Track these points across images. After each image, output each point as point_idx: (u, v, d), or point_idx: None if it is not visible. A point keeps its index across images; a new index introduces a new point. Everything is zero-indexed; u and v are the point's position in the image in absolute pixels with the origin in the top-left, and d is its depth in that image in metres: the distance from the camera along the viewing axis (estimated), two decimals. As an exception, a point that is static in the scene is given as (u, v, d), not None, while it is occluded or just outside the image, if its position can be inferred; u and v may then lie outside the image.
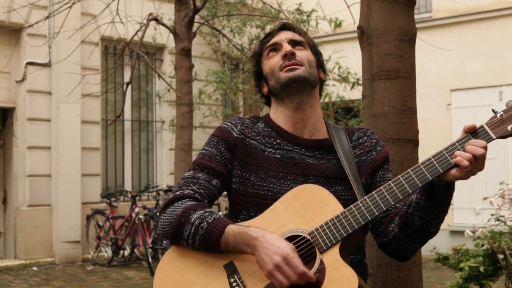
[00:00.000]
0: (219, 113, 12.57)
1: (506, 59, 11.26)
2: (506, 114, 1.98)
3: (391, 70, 2.79)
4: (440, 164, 1.98)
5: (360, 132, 2.34)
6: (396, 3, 2.81)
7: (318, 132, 2.29)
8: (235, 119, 2.33)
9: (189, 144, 7.09)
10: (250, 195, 2.20)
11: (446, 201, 2.08)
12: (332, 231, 2.01)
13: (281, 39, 2.30)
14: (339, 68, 11.85)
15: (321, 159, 2.24)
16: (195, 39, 8.35)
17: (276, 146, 2.24)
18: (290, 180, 2.19)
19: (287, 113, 2.27)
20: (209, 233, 2.04)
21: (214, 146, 2.25)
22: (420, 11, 12.60)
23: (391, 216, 2.22)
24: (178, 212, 2.11)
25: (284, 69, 2.23)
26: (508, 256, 5.08)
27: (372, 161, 2.28)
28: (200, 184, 2.19)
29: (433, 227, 2.13)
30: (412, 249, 2.20)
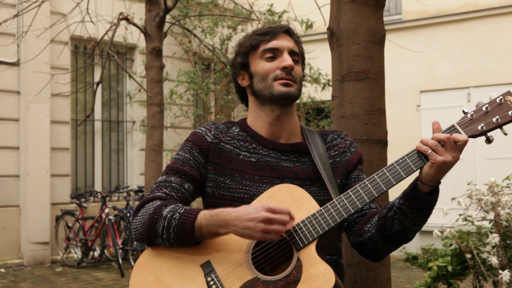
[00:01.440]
0: (190, 114, 12.53)
1: (474, 61, 11.42)
2: (476, 114, 2.02)
3: (360, 71, 2.81)
4: (413, 162, 2.02)
5: (334, 134, 2.38)
6: (365, 5, 2.83)
7: (294, 137, 2.32)
8: (209, 124, 2.35)
9: (160, 144, 7.04)
10: (226, 198, 2.22)
11: (429, 210, 2.10)
12: (309, 229, 2.03)
13: (283, 47, 2.27)
14: (310, 69, 11.90)
15: (296, 162, 2.27)
16: (166, 39, 8.31)
17: (251, 150, 2.26)
18: (266, 183, 2.22)
19: (264, 120, 2.29)
20: (182, 222, 2.05)
21: (187, 151, 2.27)
22: (390, 13, 12.71)
23: (367, 217, 2.24)
24: (149, 212, 2.12)
25: (280, 80, 2.22)
26: (476, 255, 5.15)
27: (346, 162, 2.31)
28: (172, 187, 2.21)
29: (411, 233, 2.16)
30: (386, 251, 2.23)
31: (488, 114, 2.00)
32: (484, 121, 2.00)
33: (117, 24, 7.11)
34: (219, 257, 2.07)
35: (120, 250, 9.76)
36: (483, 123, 2.00)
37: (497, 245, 4.75)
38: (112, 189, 11.47)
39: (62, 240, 10.86)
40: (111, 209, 10.51)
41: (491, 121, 1.99)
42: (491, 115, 2.00)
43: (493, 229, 5.00)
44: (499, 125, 2.00)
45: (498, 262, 4.67)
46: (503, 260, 4.75)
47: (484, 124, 2.00)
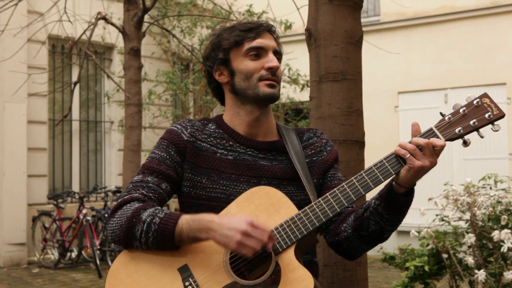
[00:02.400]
0: (169, 114, 12.49)
1: (451, 63, 11.52)
2: (453, 117, 2.02)
3: (338, 72, 2.82)
4: (391, 165, 2.02)
5: (310, 133, 2.36)
6: (343, 6, 2.84)
7: (270, 135, 2.30)
8: (185, 121, 2.30)
9: (138, 145, 7.02)
10: (202, 198, 2.18)
11: (404, 210, 2.11)
12: (287, 233, 2.02)
13: (268, 46, 2.24)
14: (289, 70, 11.92)
15: (274, 160, 2.24)
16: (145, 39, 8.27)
17: (228, 148, 2.23)
18: (243, 182, 2.19)
19: (242, 119, 2.26)
20: (162, 227, 2.01)
21: (163, 150, 2.22)
22: (368, 14, 12.78)
23: (343, 216, 2.24)
24: (127, 214, 2.08)
25: (265, 81, 2.20)
26: (452, 255, 5.19)
27: (323, 161, 2.30)
28: (149, 187, 2.16)
29: (387, 233, 2.17)
30: (361, 250, 2.24)
31: (465, 117, 2.01)
32: (462, 124, 2.01)
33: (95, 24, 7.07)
34: (197, 261, 2.04)
35: (98, 251, 9.70)
36: (461, 126, 2.01)
37: (473, 245, 4.80)
38: (90, 190, 11.39)
39: (39, 241, 10.76)
40: (88, 209, 10.44)
41: (469, 124, 2.00)
42: (468, 118, 2.01)
43: (469, 229, 5.04)
44: (476, 128, 2.01)
45: (474, 262, 4.71)
46: (479, 260, 4.80)
47: (462, 128, 2.01)
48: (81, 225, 10.11)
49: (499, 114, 2.02)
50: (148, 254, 2.08)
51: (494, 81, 11.13)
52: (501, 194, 5.04)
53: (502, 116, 2.02)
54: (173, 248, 2.05)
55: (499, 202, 5.05)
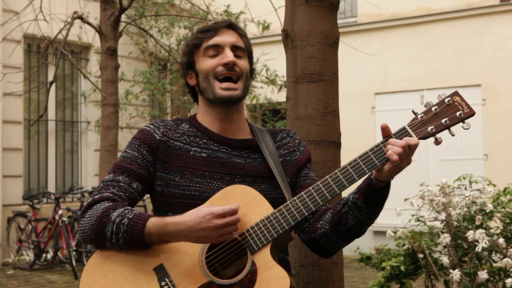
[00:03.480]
0: (146, 114, 12.45)
1: (427, 64, 11.62)
2: (426, 115, 2.05)
3: (314, 73, 2.83)
4: (366, 165, 2.04)
5: (283, 133, 2.38)
6: (319, 8, 2.85)
7: (243, 133, 2.31)
8: (157, 121, 2.30)
9: (115, 145, 6.98)
10: (176, 196, 2.18)
11: (382, 202, 2.14)
12: (263, 232, 2.03)
13: (225, 42, 2.25)
14: (267, 71, 11.94)
15: (247, 158, 2.25)
16: (122, 39, 8.23)
17: (202, 146, 2.24)
18: (217, 179, 2.19)
19: (214, 117, 2.28)
20: (131, 229, 2.01)
21: (135, 149, 2.22)
22: (346, 15, 12.85)
23: (318, 214, 2.25)
24: (97, 213, 2.07)
25: (221, 80, 2.21)
26: (428, 255, 5.23)
27: (296, 161, 2.32)
28: (120, 187, 2.16)
29: (364, 227, 2.19)
30: (338, 246, 2.25)
31: (437, 115, 2.05)
32: (434, 123, 2.04)
33: (71, 23, 7.01)
34: (173, 261, 2.03)
35: (74, 252, 9.62)
36: (433, 125, 2.04)
37: (448, 245, 4.84)
38: (66, 190, 11.30)
39: (13, 242, 10.64)
40: (64, 210, 10.35)
41: (440, 122, 2.04)
42: (440, 117, 2.04)
43: (444, 229, 5.09)
44: (447, 126, 2.04)
45: (449, 262, 4.76)
46: (453, 260, 4.84)
47: (434, 126, 2.04)
48: (57, 226, 10.02)
49: (469, 112, 2.05)
50: (123, 254, 2.07)
51: (469, 82, 11.24)
52: (475, 194, 5.09)
53: (473, 114, 2.06)
54: (144, 248, 2.04)
55: (473, 203, 5.10)
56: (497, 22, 11.22)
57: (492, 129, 11.03)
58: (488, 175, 9.24)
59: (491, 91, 11.12)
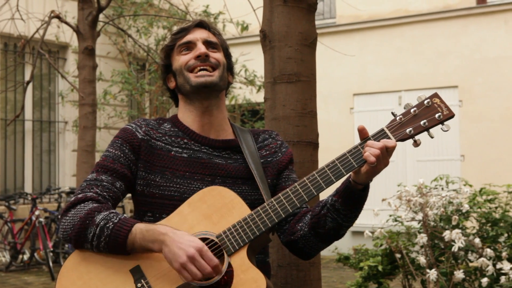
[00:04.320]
0: (125, 114, 12.38)
1: (405, 65, 11.70)
2: (404, 117, 2.05)
3: (292, 74, 2.84)
4: (344, 166, 2.04)
5: (265, 134, 2.38)
6: (297, 8, 2.86)
7: (225, 133, 2.31)
8: (139, 120, 2.30)
9: (92, 145, 6.93)
10: (156, 196, 2.17)
11: (360, 205, 2.14)
12: (240, 234, 2.03)
13: (196, 38, 2.29)
14: (246, 71, 11.93)
15: (228, 159, 2.25)
16: (100, 39, 8.18)
17: (183, 146, 2.23)
18: (197, 180, 2.19)
19: (195, 114, 2.28)
20: (115, 233, 2.00)
21: (118, 148, 2.21)
22: (324, 16, 12.89)
23: (298, 216, 2.25)
24: (81, 214, 2.06)
25: (196, 70, 2.23)
26: (405, 255, 5.27)
27: (277, 162, 2.32)
28: (104, 186, 2.15)
29: (343, 230, 2.19)
30: (317, 248, 2.25)
31: (416, 117, 2.04)
32: (412, 125, 2.04)
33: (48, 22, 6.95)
34: (150, 262, 2.02)
35: (51, 253, 9.54)
36: (411, 127, 2.04)
37: (425, 245, 4.88)
38: (43, 191, 11.21)
39: (-11, 243, 10.54)
40: (41, 211, 10.26)
41: (419, 124, 2.03)
42: (419, 118, 2.04)
43: (421, 229, 5.12)
44: (426, 128, 2.04)
45: (426, 262, 4.79)
46: (430, 260, 4.88)
47: (412, 128, 2.04)
48: (33, 226, 9.93)
49: (449, 114, 2.05)
50: (99, 255, 2.06)
51: (446, 83, 11.34)
52: (452, 194, 5.13)
53: (452, 116, 2.06)
54: (124, 254, 2.03)
55: (450, 203, 5.14)
56: (474, 24, 11.33)
57: (468, 130, 11.14)
58: (465, 175, 9.34)
59: (468, 92, 11.22)
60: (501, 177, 9.32)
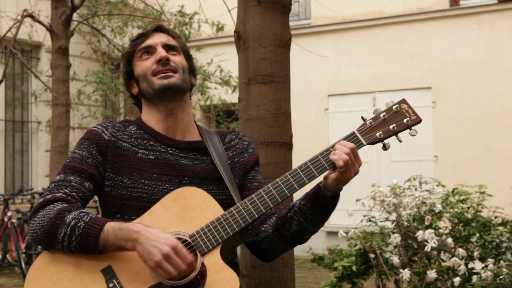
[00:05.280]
0: (99, 114, 12.30)
1: (379, 67, 11.78)
2: (374, 121, 2.10)
3: (266, 74, 2.84)
4: (316, 168, 2.06)
5: (232, 135, 2.40)
6: (272, 9, 2.86)
7: (191, 134, 2.32)
8: (105, 122, 2.31)
9: (66, 145, 6.86)
10: (124, 198, 2.17)
11: (329, 212, 2.16)
12: (213, 233, 2.03)
13: (156, 43, 2.29)
14: (221, 72, 11.92)
15: (195, 160, 2.26)
16: (74, 38, 8.11)
17: (149, 148, 2.23)
18: (165, 181, 2.19)
19: (159, 117, 2.28)
20: (86, 232, 1.99)
21: (85, 149, 2.21)
22: (299, 17, 12.93)
23: (263, 217, 2.27)
24: (50, 215, 2.04)
25: (158, 75, 2.23)
26: (379, 255, 5.30)
27: (244, 162, 2.33)
28: (72, 187, 2.14)
29: (308, 234, 2.20)
30: (280, 250, 2.27)
31: (386, 121, 2.10)
32: (382, 129, 2.09)
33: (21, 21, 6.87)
34: (121, 262, 2.02)
35: (24, 255, 9.43)
36: (381, 130, 2.09)
37: (399, 245, 4.91)
38: (16, 192, 11.08)
39: (-39, 245, 10.39)
40: (14, 212, 10.15)
41: (388, 128, 2.09)
42: (388, 123, 2.10)
43: (395, 229, 5.16)
44: (395, 132, 2.10)
45: (399, 261, 4.82)
46: (404, 259, 4.91)
47: (382, 132, 2.09)
48: (5, 228, 9.82)
49: (416, 119, 2.12)
50: (70, 256, 2.04)
51: (420, 85, 11.45)
52: (425, 195, 5.17)
53: (419, 122, 2.13)
54: (96, 253, 2.02)
55: (423, 203, 5.18)
56: (447, 26, 11.45)
57: (441, 131, 11.25)
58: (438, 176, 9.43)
59: (441, 94, 11.33)
60: (473, 178, 9.43)
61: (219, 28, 10.01)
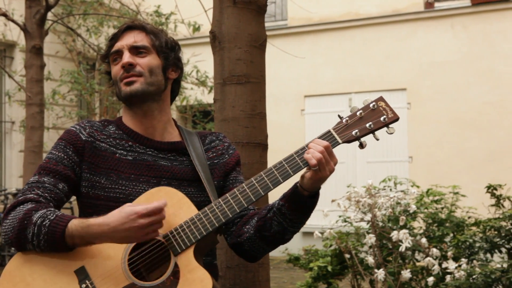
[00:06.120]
0: (74, 114, 12.19)
1: (355, 68, 11.84)
2: (351, 119, 2.09)
3: (241, 75, 2.85)
4: (291, 167, 2.05)
5: (212, 136, 2.38)
6: (247, 10, 2.87)
7: (170, 135, 2.31)
8: (84, 121, 2.29)
9: (40, 146, 6.81)
10: (101, 198, 2.16)
11: (308, 212, 2.15)
12: (187, 233, 2.02)
13: (123, 46, 2.24)
14: (197, 72, 11.89)
15: (174, 161, 2.25)
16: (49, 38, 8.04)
17: (128, 148, 2.22)
18: (143, 182, 2.18)
19: (136, 118, 2.27)
20: (52, 230, 1.98)
21: (61, 150, 2.20)
22: (276, 18, 12.95)
23: (246, 218, 2.26)
24: (19, 215, 2.03)
25: (123, 81, 2.21)
26: (354, 255, 5.33)
27: (224, 164, 2.32)
28: (45, 188, 2.12)
29: (289, 234, 2.20)
30: (263, 251, 2.26)
31: (362, 119, 2.08)
32: (358, 127, 2.07)
33: (-6, 20, 6.80)
34: (94, 263, 2.01)
35: (-3, 256, 9.34)
36: (357, 128, 2.07)
37: (373, 245, 4.94)
38: (-11, 193, 10.95)
39: None
40: (-13, 213, 10.03)
41: (365, 126, 2.07)
42: (365, 121, 2.08)
43: (370, 230, 5.19)
44: (372, 130, 2.08)
45: (374, 262, 4.85)
46: (378, 260, 4.94)
47: (358, 130, 2.07)
48: (-22, 229, 9.69)
49: (393, 117, 2.09)
50: (43, 256, 2.03)
51: (395, 86, 11.52)
52: (400, 195, 5.21)
53: (397, 119, 2.10)
54: (67, 250, 2.01)
55: (398, 204, 5.21)
56: (422, 28, 11.55)
57: (416, 132, 11.34)
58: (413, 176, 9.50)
59: (416, 95, 11.42)
60: (447, 178, 9.52)
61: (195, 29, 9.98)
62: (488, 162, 10.80)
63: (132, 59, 2.21)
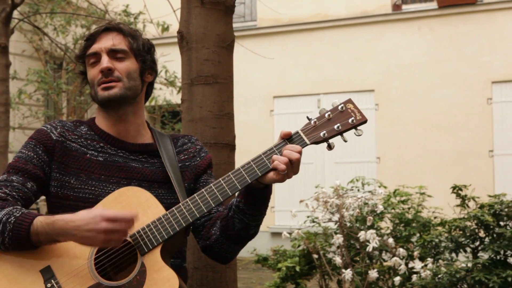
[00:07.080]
0: (41, 114, 12.05)
1: (323, 69, 11.91)
2: (319, 121, 2.09)
3: (209, 75, 2.85)
4: (258, 167, 2.05)
5: (185, 139, 2.38)
6: (215, 10, 2.87)
7: (142, 137, 2.30)
8: (55, 121, 2.28)
9: (5, 146, 6.71)
10: (70, 198, 2.15)
11: (264, 203, 2.16)
12: (154, 233, 2.02)
13: (101, 49, 2.21)
14: (166, 72, 11.84)
15: (145, 163, 2.25)
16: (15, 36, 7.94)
17: (99, 149, 2.22)
18: (113, 183, 2.18)
19: (110, 121, 2.26)
20: (17, 227, 1.96)
21: (31, 149, 2.18)
22: (245, 19, 12.97)
23: (213, 220, 2.26)
24: None
25: (101, 86, 2.19)
26: (322, 256, 5.36)
27: (195, 166, 2.32)
28: (13, 186, 2.11)
29: (252, 229, 2.20)
30: (233, 251, 2.26)
31: (331, 121, 2.09)
32: (326, 128, 2.08)
33: (-42, 18, 6.69)
34: (60, 262, 2.00)
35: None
36: (325, 130, 2.08)
37: (341, 245, 4.97)
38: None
39: None
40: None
41: (333, 128, 2.07)
42: (333, 122, 2.08)
43: (337, 230, 5.22)
44: (340, 132, 2.09)
45: (342, 262, 4.88)
46: (346, 260, 4.97)
47: (326, 131, 2.08)
48: None
49: (361, 119, 2.10)
50: (8, 256, 2.01)
51: (363, 87, 11.63)
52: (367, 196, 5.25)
53: (365, 122, 2.11)
54: (32, 248, 2.00)
55: (365, 204, 5.26)
56: (390, 30, 11.67)
57: (384, 133, 11.45)
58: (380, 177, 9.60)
59: (384, 96, 11.54)
60: (414, 179, 9.63)
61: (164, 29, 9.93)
62: (454, 163, 10.96)
63: (110, 63, 2.19)
